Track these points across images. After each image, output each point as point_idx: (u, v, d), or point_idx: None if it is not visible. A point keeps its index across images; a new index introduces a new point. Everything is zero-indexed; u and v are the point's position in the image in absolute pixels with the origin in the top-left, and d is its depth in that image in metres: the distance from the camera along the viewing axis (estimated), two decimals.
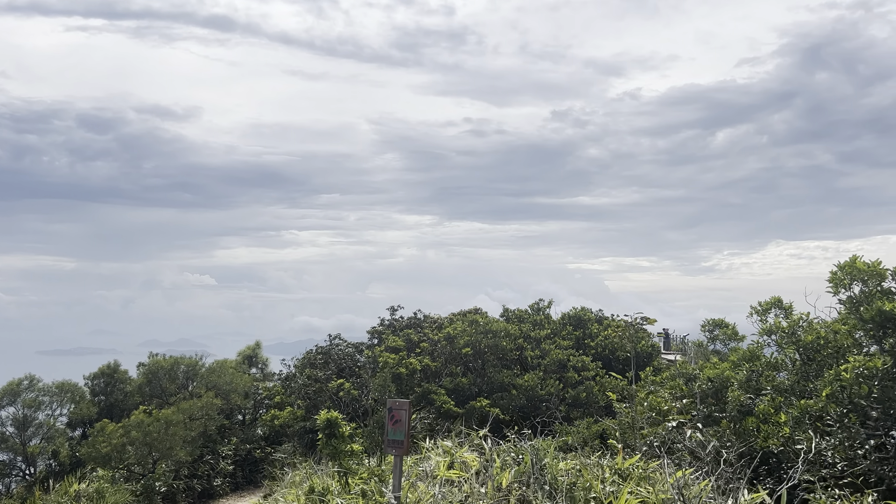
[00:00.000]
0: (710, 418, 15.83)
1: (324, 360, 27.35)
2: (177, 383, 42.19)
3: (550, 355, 24.62)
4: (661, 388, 22.20)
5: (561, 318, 29.59)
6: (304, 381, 26.40)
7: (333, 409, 27.47)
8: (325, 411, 14.51)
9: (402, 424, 8.70)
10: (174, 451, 31.50)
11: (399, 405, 8.83)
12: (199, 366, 42.54)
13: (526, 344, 26.08)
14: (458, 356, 24.70)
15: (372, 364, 24.53)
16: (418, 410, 22.77)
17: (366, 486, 12.58)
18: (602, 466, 10.98)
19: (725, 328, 25.48)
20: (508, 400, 22.90)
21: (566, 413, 22.76)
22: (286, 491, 19.60)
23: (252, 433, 40.75)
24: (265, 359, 53.16)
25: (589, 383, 23.50)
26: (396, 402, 8.86)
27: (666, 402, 18.32)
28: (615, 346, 26.75)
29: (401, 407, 8.81)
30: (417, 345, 25.61)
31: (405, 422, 8.70)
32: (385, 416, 8.90)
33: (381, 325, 28.68)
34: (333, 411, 14.45)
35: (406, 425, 8.71)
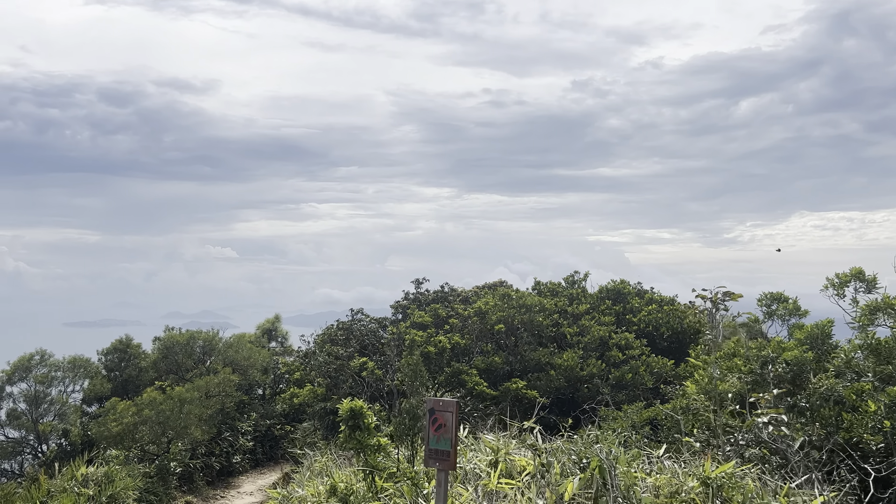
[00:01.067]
0: (796, 408, 13.80)
1: (345, 337, 25.56)
2: (193, 358, 40.79)
3: (591, 332, 22.63)
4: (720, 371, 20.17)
5: (598, 291, 27.56)
6: (325, 358, 24.65)
7: (355, 388, 25.84)
8: (349, 399, 12.67)
9: (448, 430, 6.75)
10: (189, 431, 30.05)
11: (444, 406, 6.87)
12: (216, 340, 41.07)
13: (562, 320, 24.12)
14: (490, 333, 22.79)
15: (397, 341, 22.68)
16: (447, 391, 20.93)
17: (395, 489, 10.79)
18: (687, 475, 8.98)
19: (785, 302, 23.23)
20: (546, 381, 21.00)
21: (610, 395, 20.84)
22: (306, 481, 17.91)
23: (272, 409, 39.41)
24: (285, 332, 51.72)
25: (634, 363, 21.52)
26: (440, 403, 6.90)
27: (735, 387, 16.30)
28: (659, 323, 24.71)
29: (446, 408, 6.85)
30: (446, 320, 23.72)
31: (451, 427, 6.75)
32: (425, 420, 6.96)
33: (405, 300, 26.80)
34: (357, 400, 12.59)
35: (453, 431, 6.77)
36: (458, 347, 21.41)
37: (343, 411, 12.22)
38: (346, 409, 12.30)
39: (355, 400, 12.57)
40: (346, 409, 12.28)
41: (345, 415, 12.23)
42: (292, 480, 22.42)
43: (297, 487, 16.69)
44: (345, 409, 12.26)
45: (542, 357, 21.63)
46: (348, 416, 12.31)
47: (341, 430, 12.43)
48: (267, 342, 48.99)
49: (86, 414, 39.02)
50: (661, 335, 24.50)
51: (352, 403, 12.33)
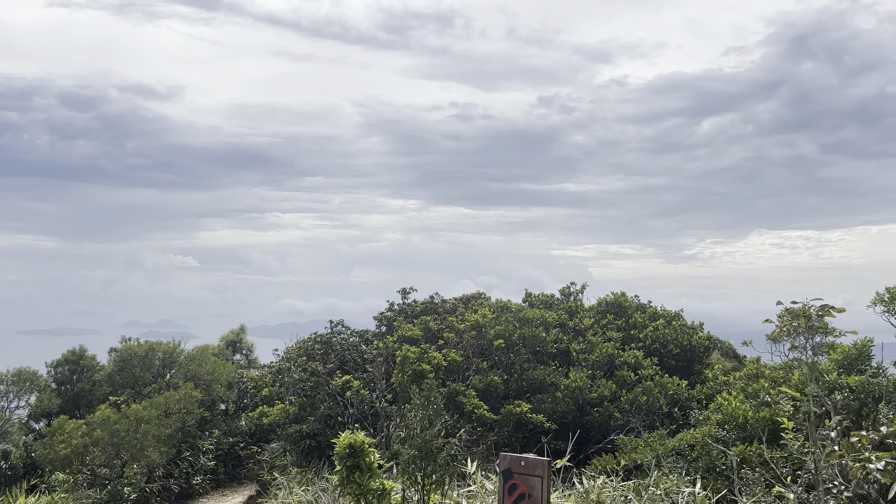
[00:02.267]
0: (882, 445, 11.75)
1: (323, 351, 23.10)
2: (152, 372, 37.93)
3: (598, 349, 20.52)
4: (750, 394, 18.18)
5: (597, 304, 25.50)
6: (300, 374, 22.15)
7: (335, 410, 23.40)
8: (348, 432, 10.33)
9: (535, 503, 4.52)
10: (146, 453, 27.34)
11: (528, 467, 4.64)
12: (177, 352, 38.26)
13: (564, 336, 22.00)
14: (488, 349, 20.55)
15: (384, 357, 20.30)
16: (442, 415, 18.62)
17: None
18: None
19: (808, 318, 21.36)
20: (552, 404, 18.83)
21: (623, 420, 18.74)
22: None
23: (235, 426, 36.89)
24: (250, 344, 48.95)
25: (647, 384, 19.45)
26: (522, 462, 4.68)
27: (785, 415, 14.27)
28: (667, 340, 22.71)
29: (531, 470, 4.62)
30: (438, 335, 21.43)
31: (542, 498, 4.52)
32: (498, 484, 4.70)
33: (390, 311, 24.42)
34: (358, 433, 10.26)
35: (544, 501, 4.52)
36: (454, 365, 19.12)
37: (340, 448, 9.85)
38: (344, 445, 9.94)
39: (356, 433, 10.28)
40: (343, 445, 9.91)
41: (342, 452, 9.89)
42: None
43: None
44: (342, 444, 9.89)
45: (545, 376, 19.45)
46: (347, 454, 9.98)
47: (337, 468, 10.10)
48: (231, 355, 46.25)
49: (32, 431, 35.93)
50: (670, 353, 22.49)
51: (351, 438, 10.00)
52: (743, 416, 17.39)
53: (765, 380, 19.08)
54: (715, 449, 16.32)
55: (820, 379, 14.36)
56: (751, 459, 15.97)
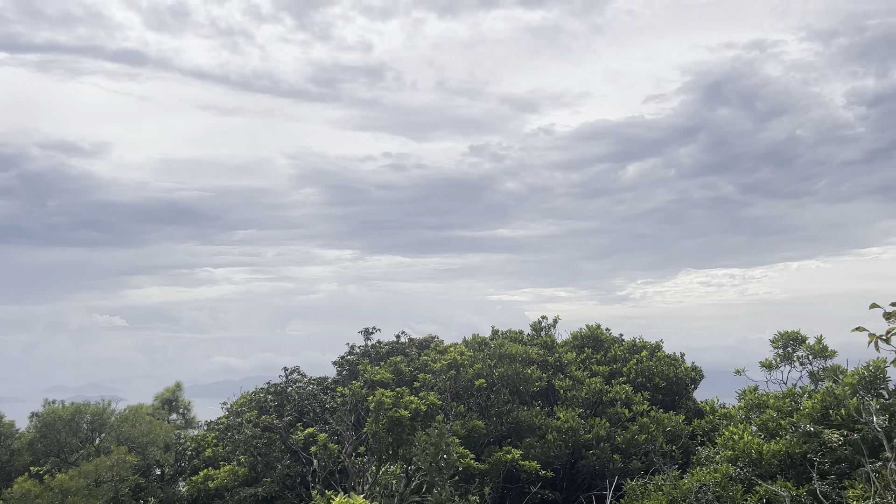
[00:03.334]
0: None
1: (278, 402, 20.65)
2: (80, 437, 34.37)
3: (586, 386, 18.74)
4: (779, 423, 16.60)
5: (572, 339, 23.82)
6: (252, 430, 19.62)
7: (294, 468, 20.80)
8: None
9: None
10: None
11: None
12: (107, 414, 34.83)
13: (542, 373, 20.14)
14: (467, 391, 18.53)
15: (350, 405, 18.04)
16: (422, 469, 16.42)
17: None
18: None
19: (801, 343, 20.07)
20: (544, 448, 16.88)
21: (623, 464, 16.91)
22: None
23: (173, 492, 33.59)
24: (187, 402, 45.44)
25: (643, 421, 17.73)
26: None
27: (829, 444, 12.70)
28: (652, 373, 21.13)
29: None
30: (412, 377, 19.30)
31: None
32: None
33: (351, 354, 22.13)
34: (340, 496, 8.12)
35: None
36: (433, 409, 16.99)
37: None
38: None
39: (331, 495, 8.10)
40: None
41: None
42: None
43: None
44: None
45: (532, 418, 17.52)
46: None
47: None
48: (167, 414, 42.72)
49: None
50: (656, 386, 20.89)
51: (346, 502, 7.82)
52: (757, 451, 15.82)
53: (771, 410, 17.59)
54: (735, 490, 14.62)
55: (841, 405, 12.87)
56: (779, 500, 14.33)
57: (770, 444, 16.21)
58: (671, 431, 17.98)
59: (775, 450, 16.06)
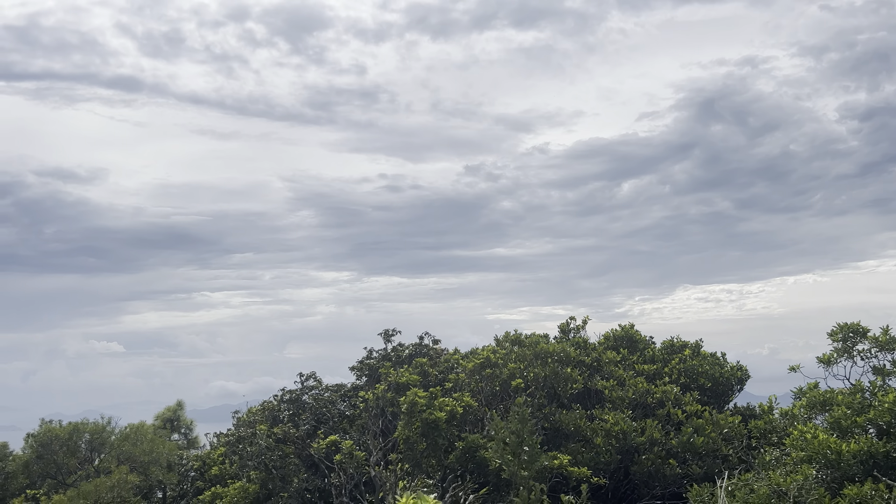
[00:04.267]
0: None
1: (293, 412, 19.02)
2: (78, 457, 32.64)
3: (634, 385, 17.16)
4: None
5: (605, 339, 22.26)
6: (267, 441, 17.99)
7: (312, 482, 19.14)
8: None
9: None
10: None
11: None
12: (107, 432, 33.11)
13: (578, 374, 18.54)
14: (503, 392, 16.93)
15: (376, 410, 16.41)
16: (460, 478, 14.79)
17: None
18: None
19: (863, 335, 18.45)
20: (592, 453, 15.29)
21: (682, 469, 15.30)
22: None
23: None
24: (189, 421, 43.63)
25: (698, 422, 16.15)
26: None
27: None
28: (696, 372, 19.58)
29: None
30: (440, 380, 17.70)
31: None
32: None
33: (370, 358, 20.50)
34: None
35: None
36: (469, 412, 15.39)
37: None
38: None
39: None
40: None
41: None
42: None
43: None
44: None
45: (575, 421, 15.91)
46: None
47: None
48: (169, 434, 40.94)
49: None
50: (702, 387, 19.31)
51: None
52: (834, 451, 14.21)
53: (841, 407, 15.97)
54: (818, 493, 13.01)
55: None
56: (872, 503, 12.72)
57: (850, 444, 14.60)
58: (727, 433, 16.39)
59: (855, 450, 14.45)
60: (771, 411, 17.49)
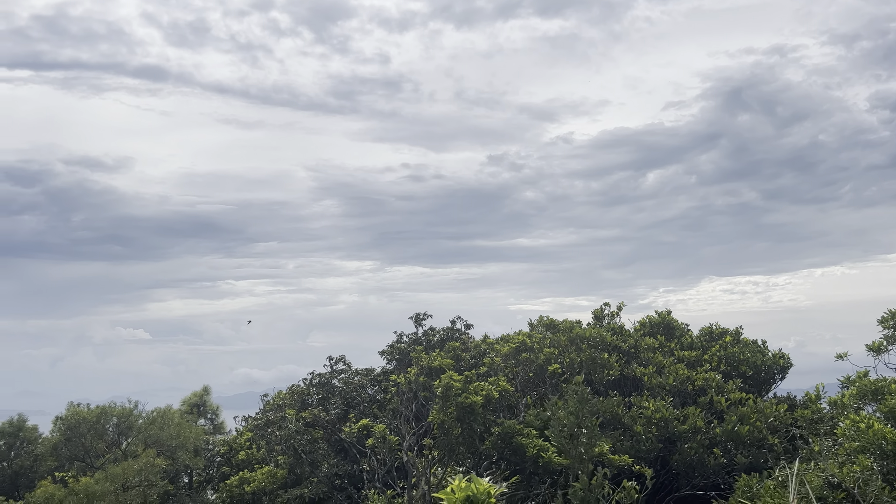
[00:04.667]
0: None
1: (322, 395, 18.66)
2: (106, 440, 32.69)
3: (675, 372, 16.58)
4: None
5: (640, 326, 21.66)
6: (296, 425, 17.64)
7: (343, 466, 18.78)
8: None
9: None
10: None
11: None
12: (134, 416, 33.11)
13: (614, 360, 17.97)
14: (537, 378, 16.43)
15: (409, 395, 15.98)
16: (495, 465, 14.32)
17: None
18: None
19: None
20: (631, 441, 14.76)
21: (727, 460, 14.72)
22: None
23: (202, 500, 31.75)
24: (215, 406, 43.59)
25: (742, 410, 15.55)
26: None
27: None
28: (738, 360, 18.93)
29: None
30: (473, 364, 17.23)
31: None
32: None
33: (400, 342, 20.08)
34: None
35: None
36: (505, 396, 14.92)
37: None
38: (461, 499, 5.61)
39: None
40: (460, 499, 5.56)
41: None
42: None
43: None
44: (458, 499, 5.53)
45: (613, 408, 15.37)
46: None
47: None
48: (196, 419, 40.92)
49: None
50: (743, 374, 18.66)
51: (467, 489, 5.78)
52: (891, 443, 13.54)
53: (893, 396, 15.26)
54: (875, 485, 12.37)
55: None
56: None
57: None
58: (773, 423, 15.75)
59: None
60: (818, 400, 16.84)
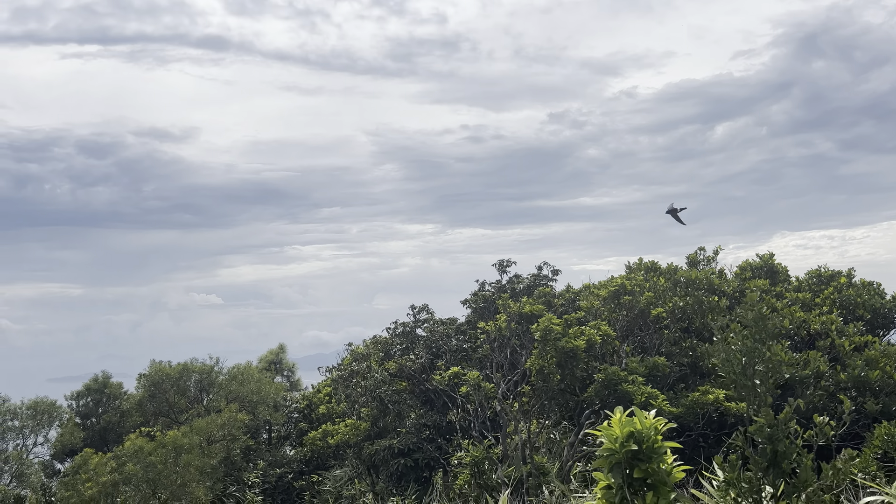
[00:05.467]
0: None
1: (406, 345, 17.98)
2: (188, 396, 33.08)
3: (790, 314, 15.25)
4: None
5: (740, 271, 20.23)
6: (382, 375, 17.03)
7: (429, 416, 18.18)
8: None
9: None
10: (189, 489, 22.38)
11: None
12: (215, 373, 33.37)
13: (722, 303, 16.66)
14: (636, 323, 15.33)
15: (500, 340, 15.10)
16: (595, 410, 13.39)
17: None
18: None
19: None
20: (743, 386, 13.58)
21: (856, 407, 13.45)
22: None
23: (282, 454, 31.92)
24: (291, 364, 43.73)
25: (870, 353, 14.17)
26: None
27: None
28: (854, 303, 17.42)
29: None
30: (565, 311, 16.21)
31: None
32: None
33: (484, 290, 19.19)
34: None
35: None
36: (608, 342, 13.88)
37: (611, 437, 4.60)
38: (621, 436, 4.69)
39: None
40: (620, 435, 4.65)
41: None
42: None
43: None
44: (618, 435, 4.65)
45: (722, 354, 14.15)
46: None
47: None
48: (273, 376, 41.16)
49: (56, 473, 31.15)
50: (860, 318, 17.15)
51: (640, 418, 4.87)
52: None
53: None
54: None
55: None
56: None
57: None
58: None
59: None
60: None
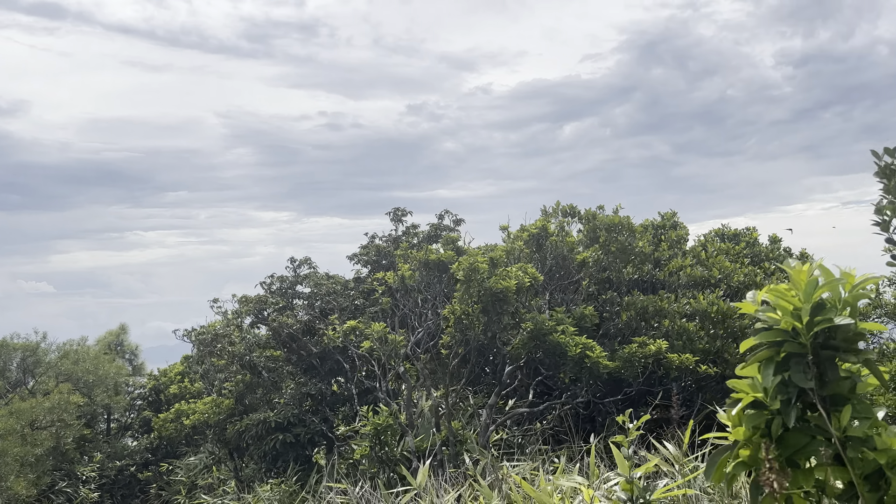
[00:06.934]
0: None
1: (285, 304, 15.28)
2: (8, 378, 28.37)
3: (716, 267, 13.98)
4: None
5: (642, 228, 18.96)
6: (255, 338, 14.25)
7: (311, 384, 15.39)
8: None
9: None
10: (7, 483, 18.62)
11: None
12: (42, 350, 28.86)
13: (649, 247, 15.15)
14: (559, 269, 13.51)
15: (402, 291, 12.78)
16: (524, 362, 11.42)
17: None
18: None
19: None
20: (683, 339, 12.10)
21: None
22: None
23: (122, 445, 28.30)
24: (134, 346, 39.10)
25: None
26: None
27: None
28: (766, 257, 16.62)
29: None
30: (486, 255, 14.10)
31: None
32: None
33: (376, 240, 16.68)
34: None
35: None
36: (534, 288, 11.94)
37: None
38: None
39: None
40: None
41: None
42: None
43: None
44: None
45: (660, 303, 12.66)
46: None
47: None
48: (113, 359, 36.56)
49: None
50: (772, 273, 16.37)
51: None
52: None
53: None
54: None
55: None
56: None
57: None
58: None
59: None
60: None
